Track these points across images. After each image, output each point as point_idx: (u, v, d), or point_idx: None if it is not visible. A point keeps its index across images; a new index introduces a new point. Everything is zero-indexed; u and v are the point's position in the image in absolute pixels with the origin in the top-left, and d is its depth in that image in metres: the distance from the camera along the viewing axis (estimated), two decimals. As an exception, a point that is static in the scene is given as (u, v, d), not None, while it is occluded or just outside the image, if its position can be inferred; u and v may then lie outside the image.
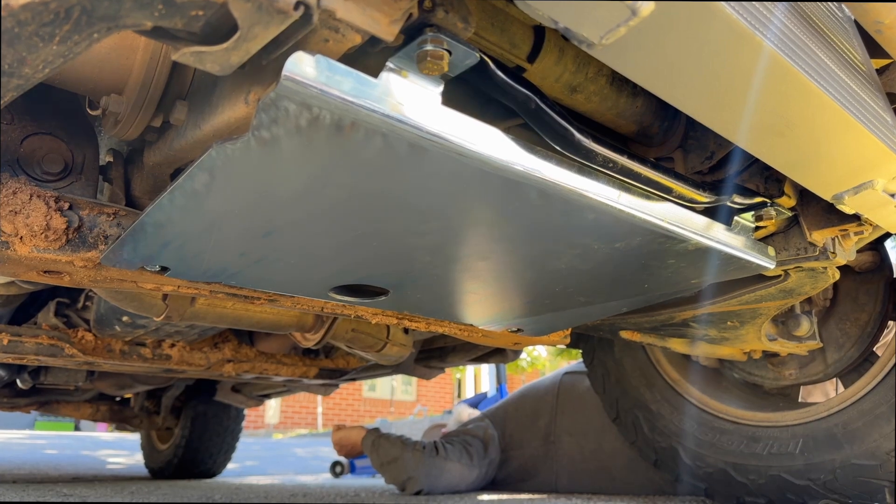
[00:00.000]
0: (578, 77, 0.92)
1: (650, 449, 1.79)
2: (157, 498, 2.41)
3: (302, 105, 0.56)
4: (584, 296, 1.18)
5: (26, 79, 0.54)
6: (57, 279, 1.05)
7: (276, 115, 0.58)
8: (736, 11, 0.56)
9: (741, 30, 0.57)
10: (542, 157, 0.72)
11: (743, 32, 0.58)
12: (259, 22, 0.49)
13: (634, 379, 1.83)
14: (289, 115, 0.58)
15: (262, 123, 0.59)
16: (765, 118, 0.72)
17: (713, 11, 0.55)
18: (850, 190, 0.84)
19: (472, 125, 0.67)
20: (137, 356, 2.08)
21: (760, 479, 1.55)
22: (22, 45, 0.49)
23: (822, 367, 1.61)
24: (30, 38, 0.48)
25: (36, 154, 0.93)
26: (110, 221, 0.96)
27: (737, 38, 0.58)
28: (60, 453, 5.92)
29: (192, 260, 0.97)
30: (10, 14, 0.43)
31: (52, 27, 0.47)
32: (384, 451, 2.42)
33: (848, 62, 0.83)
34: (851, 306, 1.59)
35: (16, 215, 0.87)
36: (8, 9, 0.42)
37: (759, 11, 0.62)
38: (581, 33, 0.54)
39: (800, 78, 0.65)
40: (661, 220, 0.87)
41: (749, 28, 0.58)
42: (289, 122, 0.59)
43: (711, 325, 1.41)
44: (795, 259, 1.07)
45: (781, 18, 0.66)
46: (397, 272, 1.04)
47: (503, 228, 0.87)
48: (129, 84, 0.78)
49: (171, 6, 0.47)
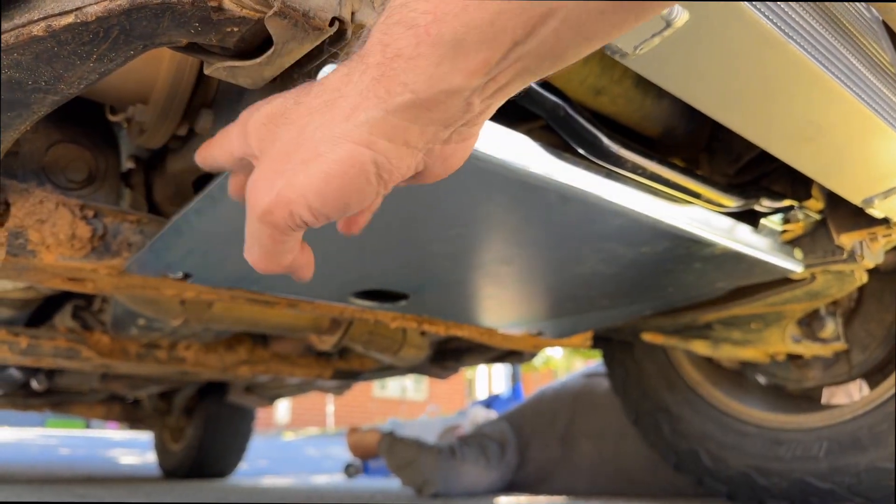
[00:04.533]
0: (604, 79, 0.91)
1: (671, 451, 1.78)
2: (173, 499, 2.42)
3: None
4: (607, 299, 1.17)
5: (62, 95, 0.54)
6: (81, 286, 1.06)
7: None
8: (766, 18, 0.56)
9: (772, 36, 0.57)
10: (569, 163, 0.71)
11: (773, 38, 0.57)
12: (294, 38, 0.49)
13: (655, 381, 1.81)
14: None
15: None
16: (794, 123, 0.71)
17: (745, 19, 0.54)
18: (880, 194, 0.83)
19: (499, 132, 0.66)
20: (153, 358, 2.09)
21: (784, 482, 1.53)
22: (60, 63, 0.49)
23: (847, 368, 1.59)
24: (68, 57, 0.48)
25: (60, 162, 0.94)
26: (133, 229, 0.96)
27: (767, 44, 0.58)
28: (73, 453, 5.97)
29: (214, 267, 0.97)
30: (51, 34, 0.43)
31: (90, 46, 0.47)
32: (400, 454, 2.42)
33: (877, 64, 0.82)
34: (877, 306, 1.57)
35: (42, 224, 0.88)
36: (49, 30, 0.42)
37: (789, 16, 0.61)
38: (615, 44, 0.53)
39: (829, 82, 0.65)
40: (688, 224, 0.86)
41: (779, 34, 0.57)
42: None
43: (735, 328, 1.39)
44: (822, 262, 1.06)
45: (811, 22, 0.66)
46: (418, 277, 1.04)
47: (527, 233, 0.87)
48: (155, 93, 0.78)
49: (207, 23, 0.47)
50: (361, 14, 0.51)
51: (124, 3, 0.42)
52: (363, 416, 15.20)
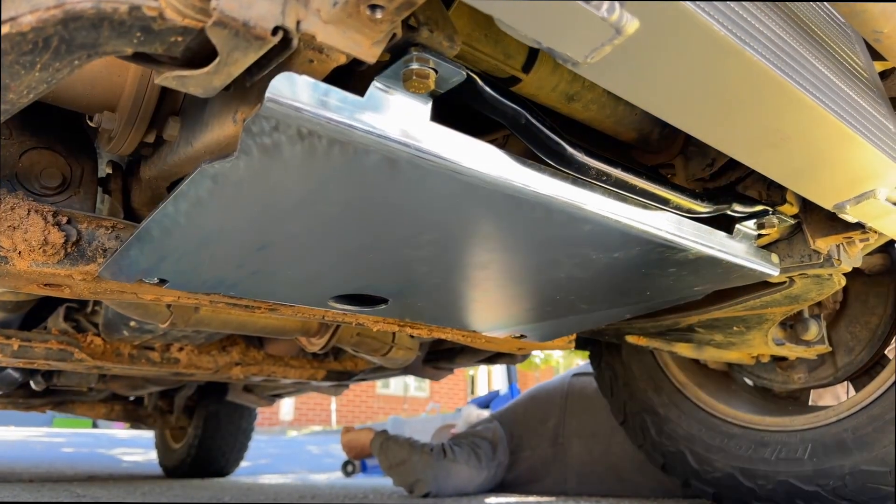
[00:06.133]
0: (575, 86, 0.91)
1: (658, 452, 1.78)
2: (169, 498, 2.43)
3: (287, 125, 0.56)
4: (585, 303, 1.17)
5: (11, 104, 0.54)
6: (57, 291, 1.06)
7: (262, 135, 0.58)
8: (722, 26, 0.55)
9: (727, 42, 0.56)
10: (534, 170, 0.71)
11: (729, 45, 0.57)
12: (238, 47, 0.49)
13: (642, 382, 1.81)
14: (274, 134, 0.58)
15: (249, 143, 0.59)
16: (758, 130, 0.71)
17: (698, 26, 0.54)
18: (851, 199, 0.83)
19: (461, 140, 0.66)
20: (146, 360, 2.10)
21: (769, 484, 1.53)
22: (5, 73, 0.49)
23: (832, 370, 1.59)
24: (11, 67, 0.48)
25: (34, 169, 0.94)
26: (109, 234, 0.96)
27: (723, 50, 0.57)
28: (77, 451, 6.00)
29: (189, 272, 0.97)
30: (-13, 46, 0.43)
31: (31, 56, 0.47)
32: (392, 454, 2.43)
33: (847, 69, 0.82)
34: (861, 309, 1.57)
35: (14, 231, 0.88)
36: (-15, 41, 0.42)
37: (749, 23, 0.61)
38: (565, 53, 0.53)
39: (791, 90, 0.64)
40: (658, 229, 0.86)
41: (736, 42, 0.57)
42: (274, 141, 0.59)
43: (717, 330, 1.39)
44: (800, 266, 1.05)
45: (773, 28, 0.65)
46: (396, 282, 1.04)
47: (497, 240, 0.86)
48: (122, 101, 0.78)
49: (149, 33, 0.47)
50: (308, 24, 0.50)
51: (58, 13, 0.42)
52: (367, 414, 15.23)
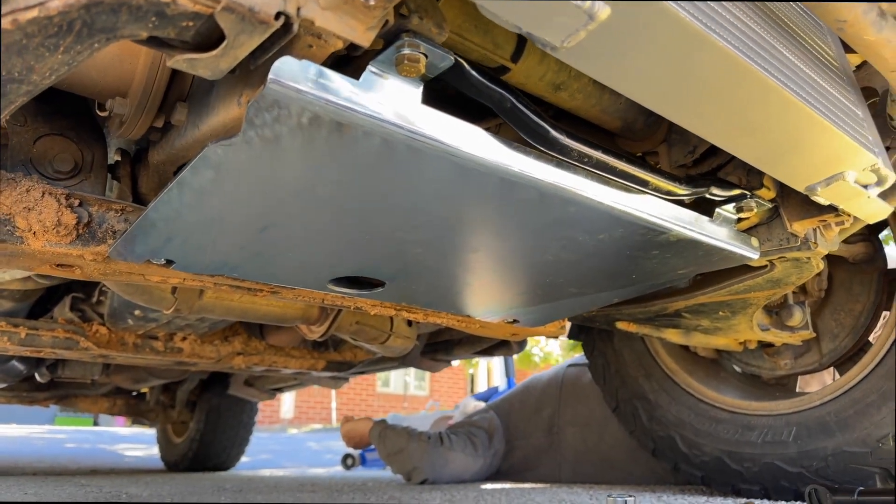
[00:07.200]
0: (562, 75, 0.95)
1: (648, 438, 1.83)
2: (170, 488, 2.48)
3: (287, 106, 0.61)
4: (574, 286, 1.21)
5: (35, 85, 0.59)
6: (69, 272, 1.10)
7: (265, 116, 0.62)
8: (690, 14, 0.60)
9: (696, 32, 0.61)
10: (518, 151, 0.76)
11: (698, 34, 0.61)
12: (244, 31, 0.53)
13: (633, 369, 1.86)
14: (276, 115, 0.62)
15: (252, 124, 0.64)
16: (731, 116, 0.75)
17: (666, 13, 0.58)
18: (821, 182, 0.87)
19: (451, 122, 0.71)
20: (150, 349, 2.14)
21: (755, 466, 1.58)
22: (30, 55, 0.54)
23: (818, 356, 1.63)
24: (37, 49, 0.53)
25: (48, 154, 0.99)
26: (118, 217, 1.01)
27: (692, 39, 0.61)
28: (79, 447, 6.05)
29: (195, 253, 1.02)
30: (18, 27, 0.47)
31: (56, 38, 0.52)
32: (390, 442, 2.47)
33: (818, 59, 0.86)
34: (846, 297, 1.61)
35: (29, 212, 0.93)
36: (16, 23, 0.47)
37: (718, 13, 0.65)
38: (544, 37, 0.57)
39: (760, 77, 0.69)
40: (639, 211, 0.90)
41: (704, 30, 0.61)
42: (276, 122, 0.63)
43: (703, 316, 1.44)
44: (779, 249, 1.10)
45: (742, 18, 0.70)
46: (391, 265, 1.09)
47: (487, 222, 0.91)
48: (133, 87, 0.83)
49: (163, 18, 0.52)
50: (307, 9, 0.55)
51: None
52: (367, 412, 15.27)
